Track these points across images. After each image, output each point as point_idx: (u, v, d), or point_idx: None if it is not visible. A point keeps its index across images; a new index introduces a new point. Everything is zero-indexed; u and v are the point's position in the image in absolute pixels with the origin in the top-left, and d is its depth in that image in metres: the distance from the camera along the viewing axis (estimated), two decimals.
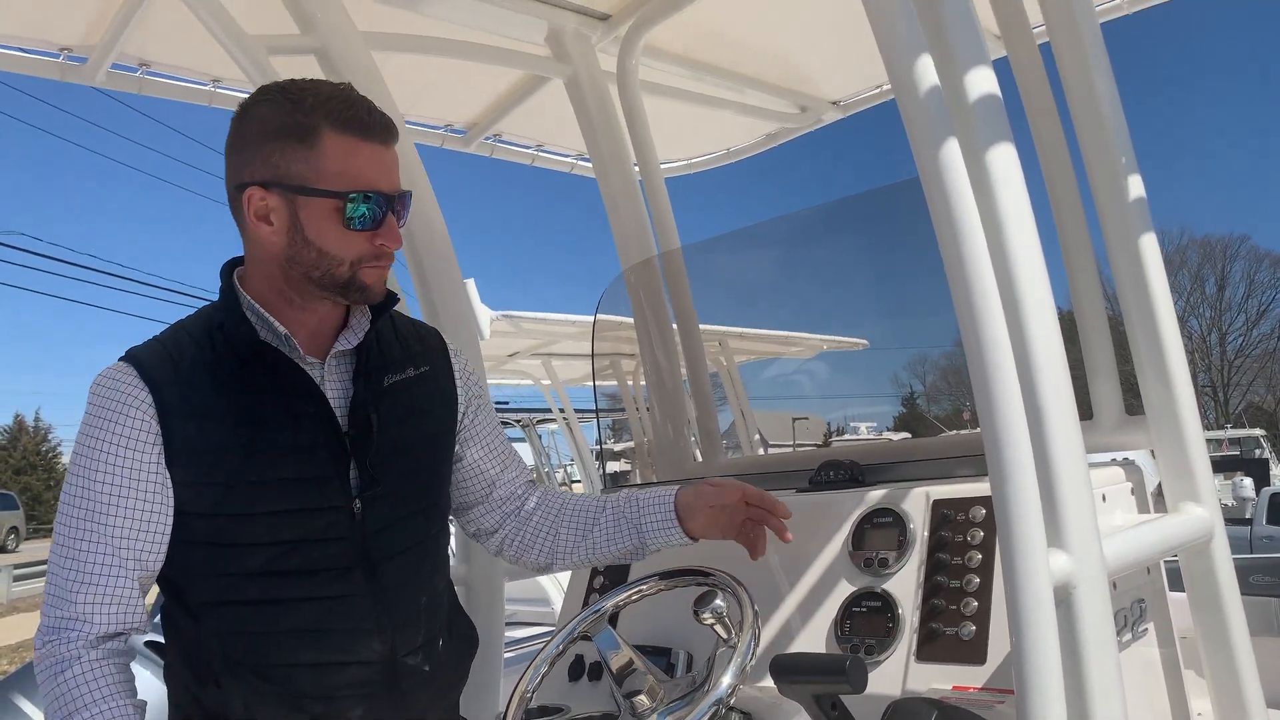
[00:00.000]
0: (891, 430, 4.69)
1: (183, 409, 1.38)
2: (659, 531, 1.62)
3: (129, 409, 1.37)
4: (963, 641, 1.59)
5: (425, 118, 3.11)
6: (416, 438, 1.54)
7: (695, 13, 2.54)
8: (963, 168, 1.26)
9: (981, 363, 1.23)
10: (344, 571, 1.43)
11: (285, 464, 1.40)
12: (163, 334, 1.46)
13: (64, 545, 1.38)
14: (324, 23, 2.13)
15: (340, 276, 1.41)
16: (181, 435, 1.37)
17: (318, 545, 1.41)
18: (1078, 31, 1.77)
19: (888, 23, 1.27)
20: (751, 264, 2.74)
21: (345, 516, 1.43)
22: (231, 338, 1.42)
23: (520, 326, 6.53)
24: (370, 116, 1.40)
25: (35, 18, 2.36)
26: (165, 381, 1.38)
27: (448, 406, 1.62)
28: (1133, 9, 2.63)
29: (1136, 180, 1.77)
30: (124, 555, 1.37)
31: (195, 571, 1.42)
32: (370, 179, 1.39)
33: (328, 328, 1.49)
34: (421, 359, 1.59)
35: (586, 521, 1.67)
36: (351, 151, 1.38)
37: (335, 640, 1.43)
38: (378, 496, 1.46)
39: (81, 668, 1.34)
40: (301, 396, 1.43)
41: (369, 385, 1.48)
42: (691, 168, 3.65)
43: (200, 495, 1.38)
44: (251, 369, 1.41)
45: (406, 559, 1.50)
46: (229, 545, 1.40)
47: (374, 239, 1.40)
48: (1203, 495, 1.76)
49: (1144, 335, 1.77)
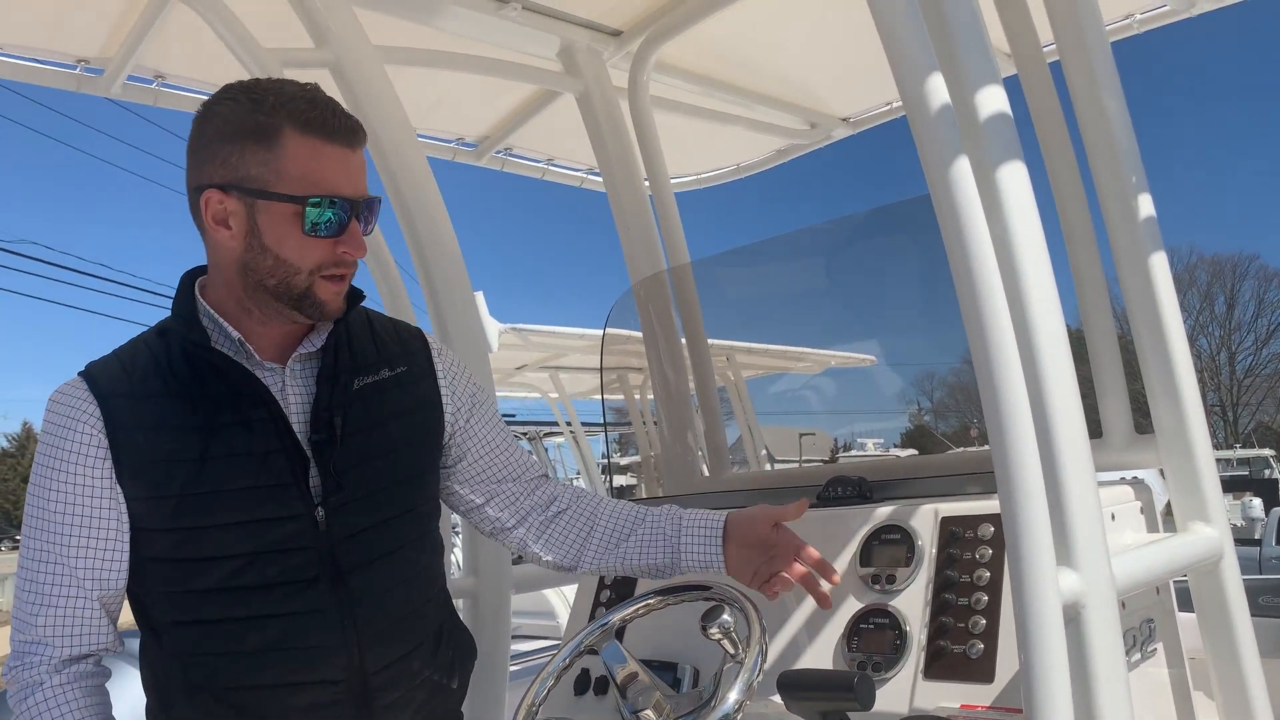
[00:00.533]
0: (898, 446, 4.68)
1: (132, 421, 1.33)
2: (698, 555, 1.55)
3: (77, 424, 1.33)
4: (971, 659, 1.58)
5: (437, 131, 3.13)
6: (390, 441, 1.46)
7: (706, 29, 2.56)
8: (974, 186, 1.26)
9: (991, 381, 1.23)
10: (308, 584, 1.36)
11: (239, 473, 1.34)
12: (122, 346, 1.43)
13: (24, 567, 1.36)
14: (338, 37, 2.15)
15: (297, 287, 1.35)
16: (130, 448, 1.33)
17: (278, 557, 1.35)
18: (1088, 51, 1.78)
19: (899, 42, 1.28)
20: (760, 279, 2.75)
21: (307, 525, 1.36)
22: (183, 345, 1.38)
23: (528, 339, 6.54)
24: (335, 118, 1.34)
25: (53, 30, 2.39)
26: (115, 394, 1.34)
27: (429, 408, 1.54)
28: (1143, 29, 2.64)
29: (1147, 199, 1.77)
30: (80, 576, 1.34)
31: (156, 590, 1.37)
32: (333, 183, 1.33)
33: (293, 330, 1.43)
34: (399, 360, 1.52)
35: (622, 531, 1.61)
36: (314, 154, 1.32)
37: (297, 659, 1.35)
38: (345, 503, 1.39)
39: (44, 694, 1.31)
40: (253, 403, 1.36)
41: (335, 388, 1.42)
42: (701, 183, 3.66)
43: (154, 509, 1.33)
44: (205, 377, 1.36)
45: (381, 568, 1.42)
46: (186, 560, 1.34)
47: (336, 246, 1.34)
48: (1212, 515, 1.75)
49: (1154, 354, 1.76)
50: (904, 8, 1.27)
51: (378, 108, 2.16)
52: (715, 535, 1.55)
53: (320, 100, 1.35)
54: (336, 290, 1.38)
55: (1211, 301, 43.35)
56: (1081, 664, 1.25)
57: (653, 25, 2.62)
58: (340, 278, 1.38)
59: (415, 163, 2.23)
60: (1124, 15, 2.64)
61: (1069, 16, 1.79)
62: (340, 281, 1.38)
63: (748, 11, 2.48)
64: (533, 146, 3.31)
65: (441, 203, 2.32)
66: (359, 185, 1.37)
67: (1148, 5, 2.61)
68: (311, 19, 2.15)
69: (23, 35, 2.39)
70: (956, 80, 1.32)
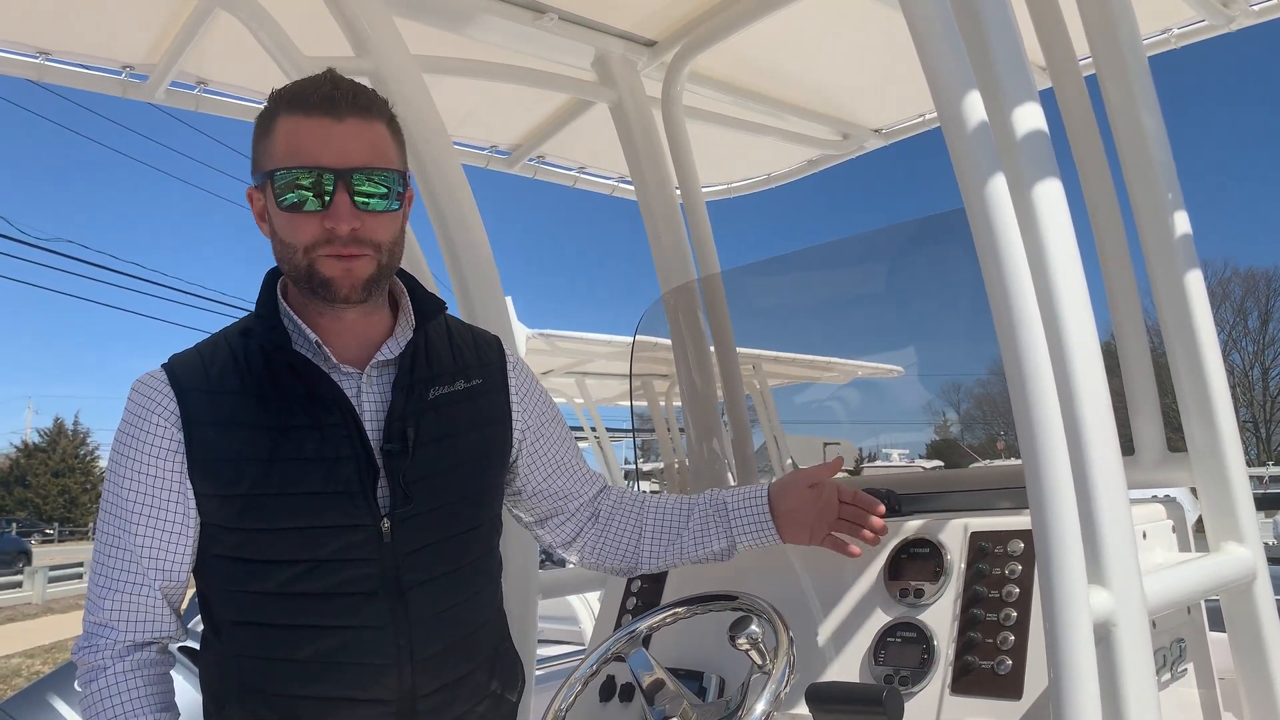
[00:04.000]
0: (924, 458, 4.66)
1: (207, 417, 1.33)
2: (752, 532, 1.58)
3: (154, 416, 1.34)
4: (999, 676, 1.58)
5: (471, 139, 3.16)
6: (459, 456, 1.43)
7: (740, 40, 2.57)
8: (1009, 201, 1.26)
9: (1024, 396, 1.23)
10: (366, 598, 1.33)
11: (308, 476, 1.31)
12: (205, 340, 1.43)
13: (98, 550, 1.39)
14: (378, 46, 2.18)
15: (300, 267, 1.31)
16: (203, 444, 1.33)
17: (339, 566, 1.32)
18: (1125, 66, 1.77)
19: (936, 58, 1.28)
20: (791, 290, 2.75)
21: (372, 536, 1.33)
22: (262, 344, 1.36)
23: (555, 345, 6.58)
24: (315, 90, 1.28)
25: (100, 36, 2.44)
26: (194, 389, 1.34)
27: (499, 424, 1.51)
28: (1180, 44, 2.62)
29: (1182, 217, 1.76)
30: (145, 565, 1.35)
31: (219, 587, 1.38)
32: (310, 154, 1.27)
33: (372, 335, 1.41)
34: (475, 371, 1.49)
35: (674, 526, 1.61)
36: (292, 129, 1.28)
37: (349, 674, 1.33)
38: (411, 516, 1.36)
39: (108, 680, 1.34)
40: (328, 406, 1.34)
41: (410, 398, 1.39)
42: (732, 192, 3.67)
43: (222, 506, 1.33)
44: (282, 377, 1.35)
45: (440, 586, 1.39)
46: (250, 561, 1.34)
47: (324, 221, 1.28)
48: (1246, 535, 1.74)
49: (1188, 372, 1.75)
50: (940, 22, 1.27)
51: (415, 115, 2.18)
52: (764, 513, 1.57)
53: (314, 79, 1.31)
54: (345, 268, 1.30)
55: (1245, 316, 42.75)
56: (1111, 684, 1.25)
57: (687, 36, 2.63)
58: (344, 255, 1.29)
59: (451, 170, 2.25)
60: (1161, 30, 2.62)
61: (1106, 31, 1.79)
62: (345, 260, 1.30)
63: (781, 23, 2.49)
64: (565, 154, 3.33)
65: (476, 209, 2.34)
66: (346, 155, 1.27)
67: (1185, 19, 2.59)
68: (352, 28, 2.18)
69: (70, 42, 2.44)
70: (993, 96, 1.32)
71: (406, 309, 1.46)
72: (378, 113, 1.33)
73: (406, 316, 1.45)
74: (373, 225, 1.31)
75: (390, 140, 1.35)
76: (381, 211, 1.31)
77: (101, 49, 2.50)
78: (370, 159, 1.29)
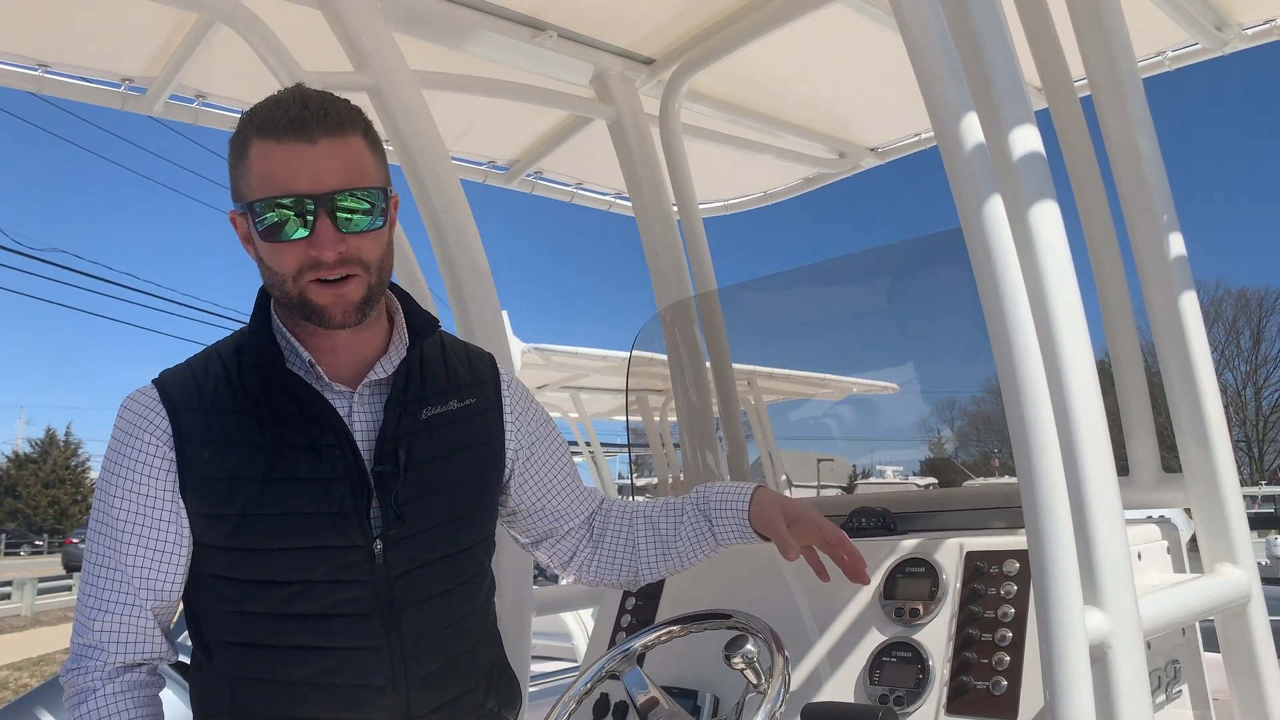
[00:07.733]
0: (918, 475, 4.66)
1: (201, 435, 1.31)
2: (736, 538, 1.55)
3: (145, 434, 1.32)
4: (994, 696, 1.57)
5: (469, 154, 3.17)
6: (452, 477, 1.42)
7: (738, 59, 2.58)
8: (1005, 221, 1.27)
9: (1020, 416, 1.23)
10: (360, 619, 1.32)
11: (301, 497, 1.30)
12: (195, 356, 1.41)
13: (87, 570, 1.36)
14: (377, 61, 2.18)
15: (290, 295, 1.29)
16: (196, 462, 1.31)
17: (332, 587, 1.31)
18: (1121, 88, 1.79)
19: (933, 77, 1.29)
20: (788, 306, 2.76)
21: (365, 557, 1.32)
22: (256, 362, 1.35)
23: (550, 359, 6.58)
24: (284, 114, 1.24)
25: (100, 49, 2.45)
26: (187, 406, 1.33)
27: (493, 444, 1.50)
28: (1175, 65, 2.64)
29: (1177, 238, 1.78)
30: (136, 585, 1.33)
31: (212, 607, 1.36)
32: (285, 182, 1.24)
33: (365, 353, 1.39)
34: (468, 390, 1.48)
35: (667, 535, 1.59)
36: (265, 156, 1.25)
37: (343, 695, 1.31)
38: (404, 537, 1.35)
39: (98, 701, 1.31)
40: (322, 426, 1.32)
41: (402, 418, 1.38)
42: (729, 209, 3.68)
43: (214, 526, 1.31)
44: (275, 395, 1.33)
45: (434, 607, 1.38)
46: (243, 581, 1.32)
47: (309, 249, 1.25)
48: (1240, 557, 1.74)
49: (1183, 394, 1.76)
50: (937, 43, 1.29)
51: (414, 131, 2.19)
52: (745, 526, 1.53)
53: (282, 100, 1.26)
54: (336, 294, 1.27)
55: (1238, 335, 42.92)
56: (1106, 705, 1.25)
57: (685, 54, 2.65)
58: (333, 281, 1.27)
59: (449, 185, 2.26)
60: (1156, 52, 2.64)
61: (1101, 53, 1.80)
62: (335, 285, 1.27)
63: (778, 42, 2.50)
64: (562, 170, 3.34)
65: (474, 225, 2.34)
66: (320, 179, 1.24)
67: (1179, 42, 2.62)
68: (352, 43, 2.19)
69: (70, 54, 2.45)
70: (990, 116, 1.33)
71: (401, 327, 1.44)
72: (351, 127, 1.29)
73: (401, 335, 1.43)
74: (358, 245, 1.28)
75: (368, 153, 1.31)
76: (366, 230, 1.28)
77: (101, 62, 2.51)
78: (348, 179, 1.26)
